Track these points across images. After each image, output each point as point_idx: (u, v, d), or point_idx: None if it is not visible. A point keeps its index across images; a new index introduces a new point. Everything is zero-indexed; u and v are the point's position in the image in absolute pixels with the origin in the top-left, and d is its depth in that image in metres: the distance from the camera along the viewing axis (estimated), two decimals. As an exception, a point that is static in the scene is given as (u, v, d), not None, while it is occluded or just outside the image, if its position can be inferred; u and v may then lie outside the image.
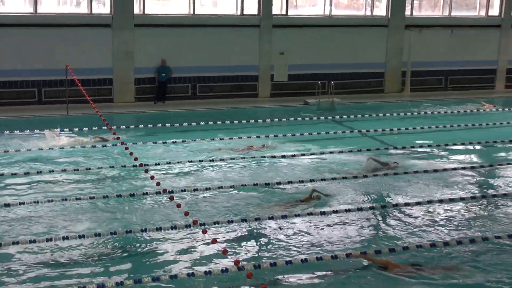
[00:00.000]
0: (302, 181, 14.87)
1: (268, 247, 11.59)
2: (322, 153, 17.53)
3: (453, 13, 28.18)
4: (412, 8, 27.49)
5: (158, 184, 12.84)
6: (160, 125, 20.20)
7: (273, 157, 17.01)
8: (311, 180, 14.88)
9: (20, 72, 22.89)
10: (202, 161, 16.51)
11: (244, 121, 21.08)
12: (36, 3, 22.94)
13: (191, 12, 24.68)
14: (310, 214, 12.79)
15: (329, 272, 10.43)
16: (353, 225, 12.57)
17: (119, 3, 23.42)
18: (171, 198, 12.14)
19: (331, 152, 17.58)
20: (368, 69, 27.00)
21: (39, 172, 15.29)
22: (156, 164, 16.06)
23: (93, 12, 23.72)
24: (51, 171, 15.41)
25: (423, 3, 28.79)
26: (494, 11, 28.53)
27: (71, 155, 17.10)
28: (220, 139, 18.75)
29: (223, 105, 24.20)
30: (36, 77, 23.08)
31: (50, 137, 18.53)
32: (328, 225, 12.50)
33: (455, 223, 12.80)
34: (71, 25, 23.29)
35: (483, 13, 28.56)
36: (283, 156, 17.15)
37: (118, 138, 15.55)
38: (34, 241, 11.12)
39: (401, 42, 27.11)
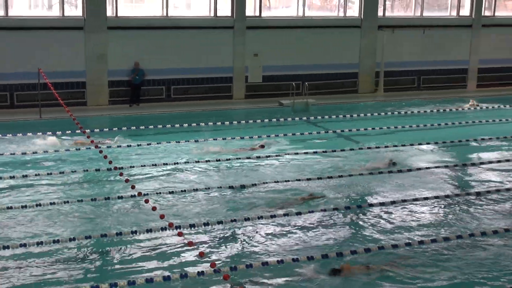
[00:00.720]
0: (277, 181, 14.93)
1: (244, 248, 11.59)
2: (296, 153, 17.59)
3: (425, 14, 28.43)
4: (384, 9, 27.69)
5: (133, 187, 12.82)
6: (134, 127, 20.09)
7: (238, 158, 17.00)
8: (286, 181, 14.95)
9: (-8, 75, 22.67)
10: (177, 163, 16.47)
11: (219, 123, 21.09)
12: (7, 6, 22.69)
13: (165, 14, 24.60)
14: (286, 215, 12.82)
15: (306, 273, 10.45)
16: (329, 226, 12.62)
17: (91, 5, 23.26)
18: (146, 201, 12.11)
19: (305, 153, 17.64)
20: (342, 70, 27.12)
21: (12, 177, 15.12)
22: (131, 167, 15.98)
23: (65, 15, 23.53)
24: (24, 176, 15.24)
25: (396, 4, 29.01)
26: (465, 11, 28.83)
27: (44, 159, 16.94)
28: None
29: (198, 107, 24.14)
30: (8, 81, 22.82)
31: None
32: (305, 226, 12.54)
33: (429, 221, 12.92)
34: (43, 28, 23.06)
35: (454, 13, 28.86)
36: (248, 157, 17.15)
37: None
38: (8, 247, 11.00)
39: (374, 42, 27.28)
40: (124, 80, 24.08)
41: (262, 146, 18.20)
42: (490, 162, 17.00)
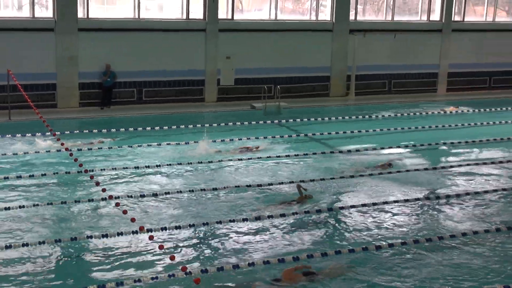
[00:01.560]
0: (249, 185, 14.95)
1: (216, 251, 11.57)
2: (269, 157, 17.63)
3: (396, 18, 28.69)
4: (356, 13, 27.88)
5: (104, 190, 12.68)
6: (105, 130, 19.95)
7: (210, 162, 16.98)
8: (259, 185, 14.98)
9: (-40, 77, 22.34)
10: (149, 166, 16.39)
11: (191, 126, 21.06)
12: (-24, 6, 22.45)
13: (136, 16, 24.49)
14: (258, 218, 12.83)
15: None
16: (302, 229, 12.65)
17: (62, 7, 23.07)
18: (117, 204, 12.02)
19: (277, 156, 17.68)
20: (314, 73, 27.26)
21: (-20, 180, 14.95)
22: (101, 170, 15.86)
23: (36, 16, 23.31)
24: (-7, 179, 15.08)
25: (367, 8, 29.24)
26: (435, 16, 29.16)
27: (13, 162, 16.75)
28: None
29: (169, 110, 24.08)
30: (-23, 83, 22.54)
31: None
32: (276, 229, 12.56)
33: (401, 224, 13.03)
34: (13, 29, 22.81)
35: (425, 18, 29.16)
36: (230, 160, 17.16)
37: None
38: (-24, 251, 10.87)
39: (346, 46, 27.45)
40: (96, 83, 23.93)
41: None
42: (460, 165, 17.20)
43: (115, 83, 24.01)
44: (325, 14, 27.43)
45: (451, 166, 17.21)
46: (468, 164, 17.37)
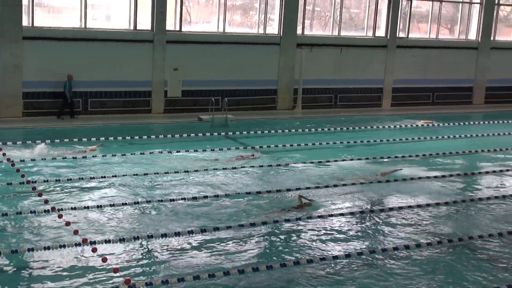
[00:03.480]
0: (195, 198, 14.90)
1: (160, 264, 11.47)
2: (216, 169, 17.61)
3: (343, 33, 29.10)
4: (303, 27, 28.18)
5: (46, 202, 12.51)
6: (49, 141, 19.60)
7: (156, 173, 16.86)
8: (205, 197, 14.95)
9: None
10: (93, 178, 16.17)
11: (137, 137, 20.92)
12: None
13: (83, 26, 24.20)
14: (204, 230, 12.79)
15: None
16: (249, 241, 12.67)
17: (6, 14, 22.63)
18: (60, 216, 11.84)
19: (224, 169, 17.68)
20: (261, 86, 27.39)
21: None
22: (45, 181, 15.57)
23: (-21, 23, 22.83)
24: None
25: (314, 23, 29.59)
26: (381, 32, 29.70)
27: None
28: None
29: (115, 120, 23.81)
30: None
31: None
32: (224, 241, 12.54)
33: (345, 236, 13.19)
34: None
35: (370, 34, 29.67)
36: (166, 173, 17.04)
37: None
38: None
39: (293, 60, 27.70)
40: (39, 92, 23.52)
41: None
42: (404, 180, 17.48)
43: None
44: (273, 28, 27.64)
45: (396, 180, 17.46)
46: (412, 178, 17.66)
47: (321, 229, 13.51)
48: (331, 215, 14.21)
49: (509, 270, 11.94)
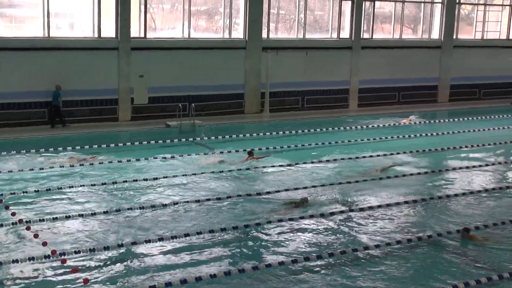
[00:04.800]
0: (165, 205, 14.87)
1: (130, 273, 11.40)
2: (184, 175, 17.56)
3: (308, 36, 29.24)
4: (268, 31, 28.25)
5: (13, 214, 12.36)
6: (14, 152, 19.36)
7: (125, 181, 16.78)
8: (175, 203, 14.91)
9: None
10: (61, 188, 16.01)
11: (112, 145, 20.81)
12: None
13: (46, 35, 23.94)
14: (174, 237, 12.75)
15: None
16: (218, 246, 12.67)
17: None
18: (28, 228, 11.72)
19: (193, 174, 17.64)
20: (228, 91, 27.39)
21: None
22: (11, 194, 15.37)
23: None
24: None
25: (279, 26, 29.68)
26: (345, 33, 29.90)
27: None
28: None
29: (81, 130, 23.58)
30: None
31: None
32: (194, 249, 12.52)
33: (313, 239, 13.26)
34: None
35: (335, 35, 29.85)
36: (135, 180, 16.97)
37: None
38: None
39: (259, 63, 27.74)
40: (4, 103, 23.25)
41: (251, 153, 19.45)
42: (373, 180, 17.63)
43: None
44: (238, 32, 27.67)
45: (365, 180, 17.59)
46: (381, 178, 17.82)
47: (294, 230, 13.58)
48: (302, 218, 14.31)
49: (478, 265, 12.12)
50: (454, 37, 32.59)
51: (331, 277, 11.38)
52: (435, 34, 32.35)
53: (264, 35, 28.00)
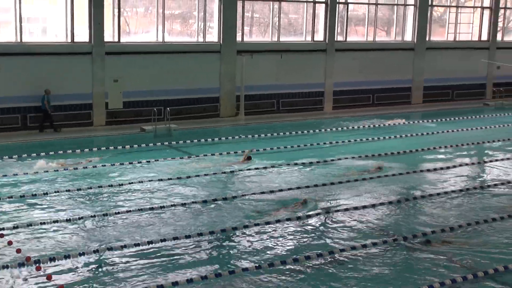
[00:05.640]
0: (141, 209, 14.81)
1: (107, 280, 11.34)
2: (161, 180, 17.50)
3: (282, 39, 29.32)
4: (243, 34, 28.28)
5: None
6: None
7: (100, 187, 16.69)
8: (151, 208, 14.86)
9: None
10: (35, 194, 15.87)
11: (79, 150, 20.66)
12: None
13: (19, 40, 23.72)
14: (150, 242, 12.70)
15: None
16: (195, 252, 12.65)
17: None
18: (1, 236, 11.59)
19: (169, 179, 17.60)
20: (203, 94, 27.35)
21: None
22: (-16, 201, 15.23)
23: None
24: None
25: (254, 29, 29.73)
26: (319, 36, 30.05)
27: None
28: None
29: (56, 135, 23.40)
30: None
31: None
32: (173, 256, 12.48)
33: (294, 241, 13.30)
34: None
35: (309, 38, 29.98)
36: (111, 185, 16.89)
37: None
38: None
39: (234, 67, 27.76)
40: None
41: (249, 158, 19.70)
42: (348, 182, 17.74)
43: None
44: (213, 36, 27.66)
45: (340, 182, 17.69)
46: (356, 180, 17.94)
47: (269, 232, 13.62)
48: (278, 221, 14.34)
49: (452, 265, 12.24)
50: (427, 39, 32.91)
51: (307, 281, 11.42)
52: (408, 36, 32.65)
53: (239, 38, 28.04)
